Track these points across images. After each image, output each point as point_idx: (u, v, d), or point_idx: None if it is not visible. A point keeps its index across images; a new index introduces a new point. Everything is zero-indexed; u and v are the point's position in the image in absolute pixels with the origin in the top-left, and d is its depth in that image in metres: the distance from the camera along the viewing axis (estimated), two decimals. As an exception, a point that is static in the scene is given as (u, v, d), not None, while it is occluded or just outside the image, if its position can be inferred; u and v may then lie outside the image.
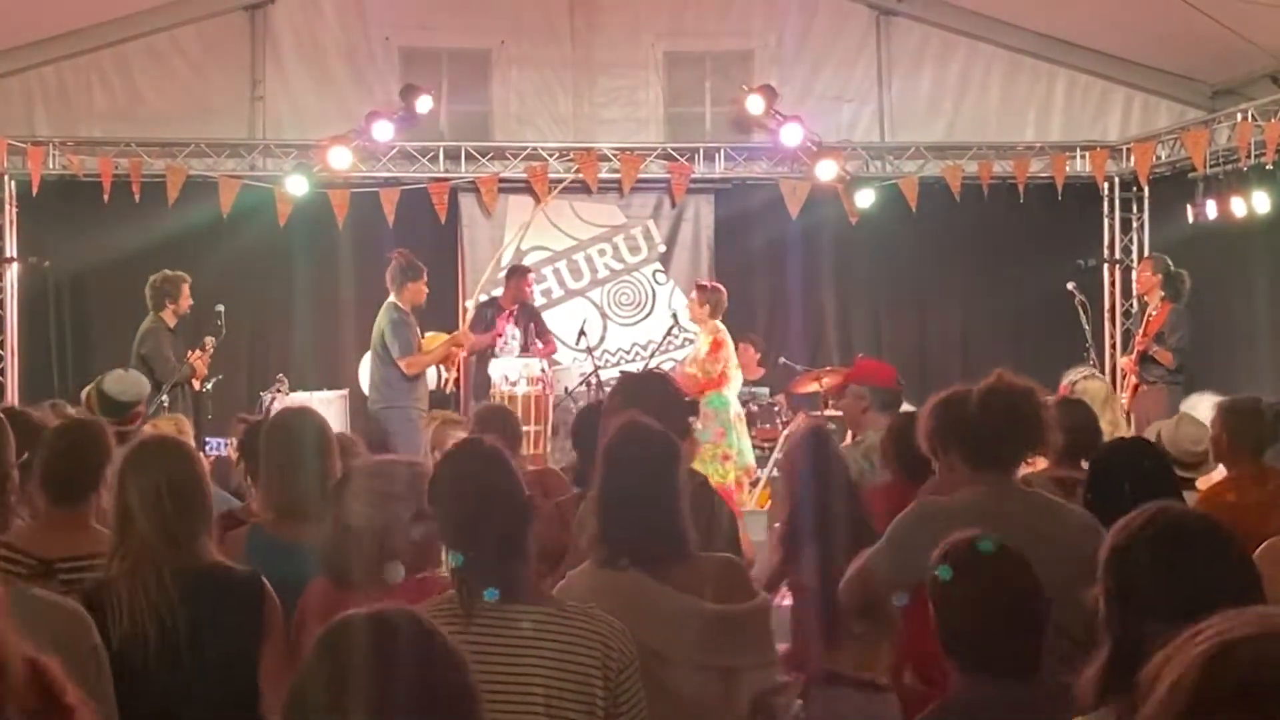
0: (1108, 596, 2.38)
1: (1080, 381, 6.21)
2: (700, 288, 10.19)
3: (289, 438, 4.33)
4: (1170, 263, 10.42)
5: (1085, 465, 4.63)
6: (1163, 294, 10.26)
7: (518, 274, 11.32)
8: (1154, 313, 10.33)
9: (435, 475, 3.16)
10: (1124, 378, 10.68)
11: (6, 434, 4.05)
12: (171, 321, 9.95)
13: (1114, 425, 5.89)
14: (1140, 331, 10.42)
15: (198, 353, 9.85)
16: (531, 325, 11.06)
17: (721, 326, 9.87)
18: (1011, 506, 3.68)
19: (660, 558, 3.37)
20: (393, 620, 1.98)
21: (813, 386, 10.89)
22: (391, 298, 9.64)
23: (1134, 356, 10.26)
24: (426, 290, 9.80)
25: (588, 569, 3.42)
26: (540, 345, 10.94)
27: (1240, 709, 1.21)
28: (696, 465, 4.78)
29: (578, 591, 3.27)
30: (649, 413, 3.65)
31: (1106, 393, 5.86)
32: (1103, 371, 11.70)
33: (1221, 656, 1.24)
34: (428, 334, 10.04)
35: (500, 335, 10.69)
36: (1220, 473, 5.19)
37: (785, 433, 10.04)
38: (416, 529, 3.42)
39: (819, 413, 9.84)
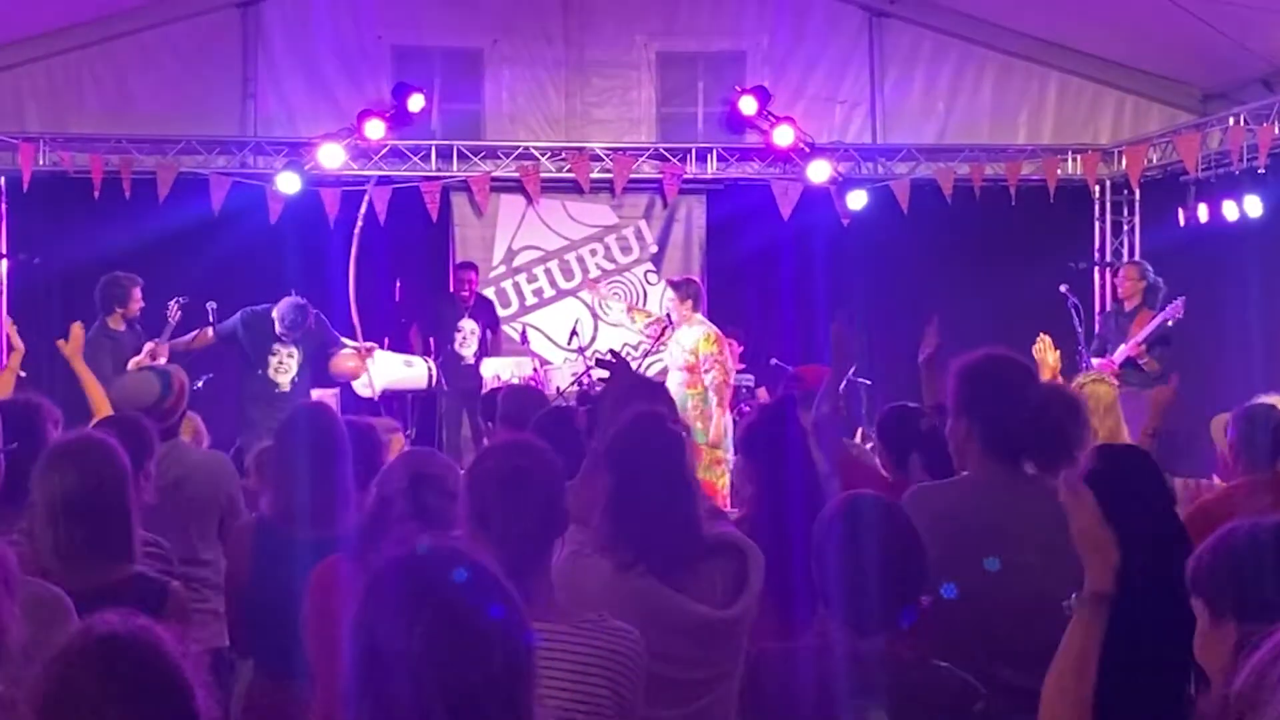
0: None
1: (1088, 385, 6.19)
2: (675, 284, 10.05)
3: (296, 434, 4.33)
4: (1151, 270, 10.49)
5: None
6: (1141, 300, 10.33)
7: (463, 269, 11.62)
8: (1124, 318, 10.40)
9: (477, 462, 3.10)
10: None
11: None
12: (119, 325, 9.68)
13: (1112, 433, 5.87)
14: (1132, 338, 10.35)
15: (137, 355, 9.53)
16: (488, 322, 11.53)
17: (709, 322, 9.88)
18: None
19: (674, 561, 3.33)
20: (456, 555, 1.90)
21: (803, 387, 10.88)
22: None
23: (1117, 359, 10.22)
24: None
25: (601, 569, 3.32)
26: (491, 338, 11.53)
27: None
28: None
29: (592, 592, 3.20)
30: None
31: (1112, 399, 5.85)
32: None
33: None
34: None
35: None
36: None
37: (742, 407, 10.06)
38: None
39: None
